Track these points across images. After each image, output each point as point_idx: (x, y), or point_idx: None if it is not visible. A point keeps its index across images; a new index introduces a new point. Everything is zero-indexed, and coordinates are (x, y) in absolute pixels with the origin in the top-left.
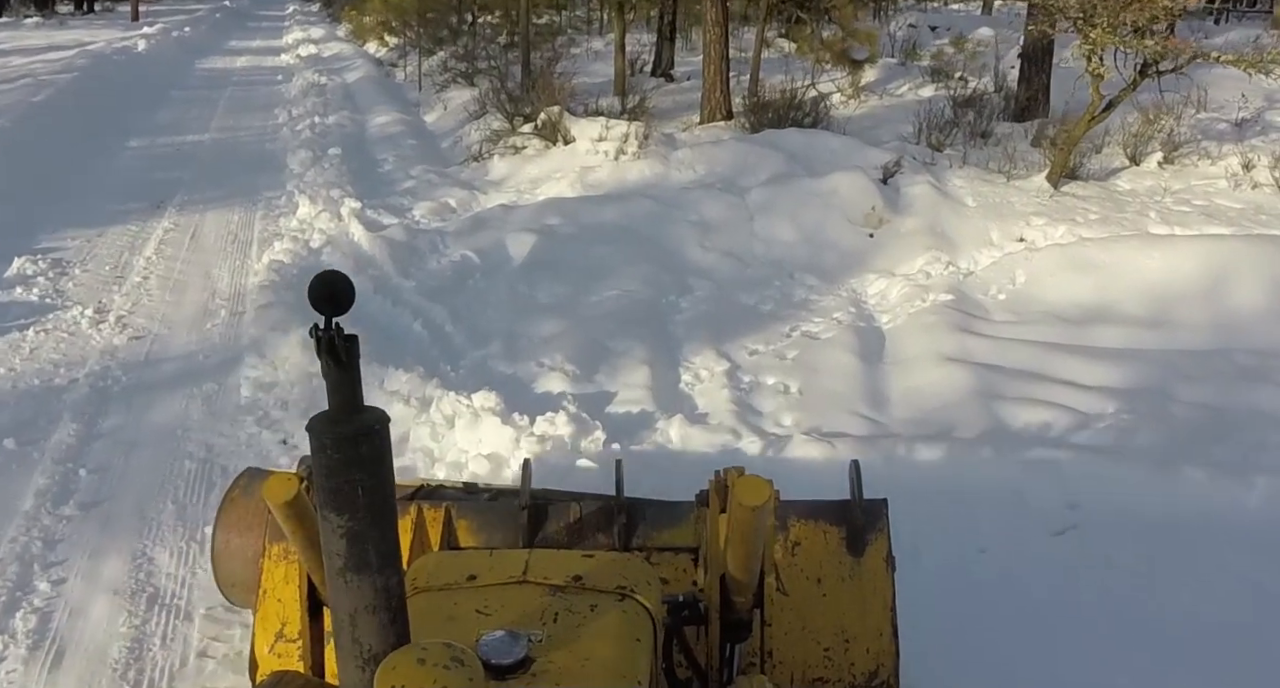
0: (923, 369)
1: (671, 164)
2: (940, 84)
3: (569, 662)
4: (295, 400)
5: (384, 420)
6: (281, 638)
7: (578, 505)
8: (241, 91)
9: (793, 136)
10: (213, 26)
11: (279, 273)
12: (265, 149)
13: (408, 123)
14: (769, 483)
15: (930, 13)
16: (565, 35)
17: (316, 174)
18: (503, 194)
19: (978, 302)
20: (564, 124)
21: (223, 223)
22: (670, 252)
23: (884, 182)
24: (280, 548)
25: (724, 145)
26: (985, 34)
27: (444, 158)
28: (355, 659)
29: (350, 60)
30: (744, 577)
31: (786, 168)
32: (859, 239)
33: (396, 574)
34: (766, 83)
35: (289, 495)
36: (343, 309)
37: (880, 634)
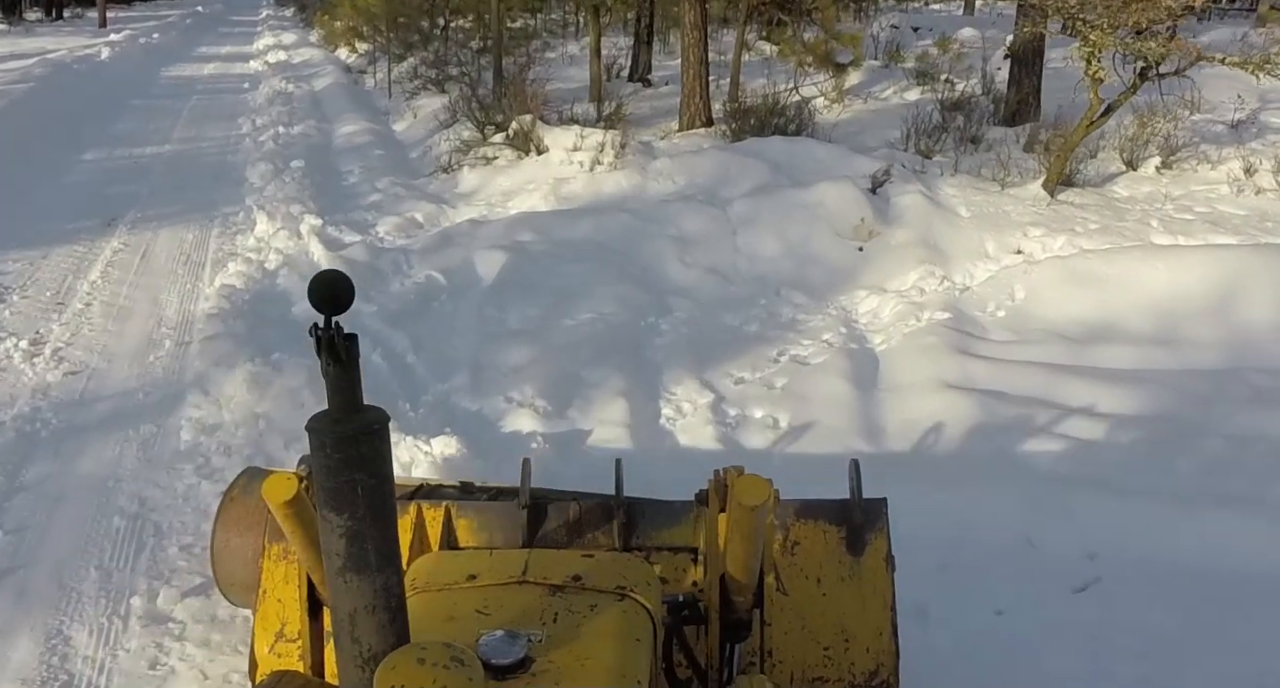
0: (920, 398)
1: (649, 175)
2: (926, 87)
3: (569, 662)
4: (239, 445)
5: (384, 420)
6: (281, 638)
7: (577, 505)
8: (206, 100)
9: (776, 145)
10: (183, 33)
11: (230, 299)
12: (226, 161)
13: (376, 132)
14: (768, 482)
15: (911, 13)
16: (540, 39)
17: (277, 188)
18: (472, 208)
19: (975, 320)
20: (537, 133)
21: (176, 242)
22: (648, 269)
23: (873, 191)
24: (280, 548)
25: (704, 155)
26: (969, 35)
27: (412, 169)
28: (355, 659)
29: (320, 67)
30: (744, 576)
31: (770, 178)
32: (848, 253)
33: (396, 574)
34: (747, 87)
35: (288, 495)
36: (342, 308)
37: (880, 634)
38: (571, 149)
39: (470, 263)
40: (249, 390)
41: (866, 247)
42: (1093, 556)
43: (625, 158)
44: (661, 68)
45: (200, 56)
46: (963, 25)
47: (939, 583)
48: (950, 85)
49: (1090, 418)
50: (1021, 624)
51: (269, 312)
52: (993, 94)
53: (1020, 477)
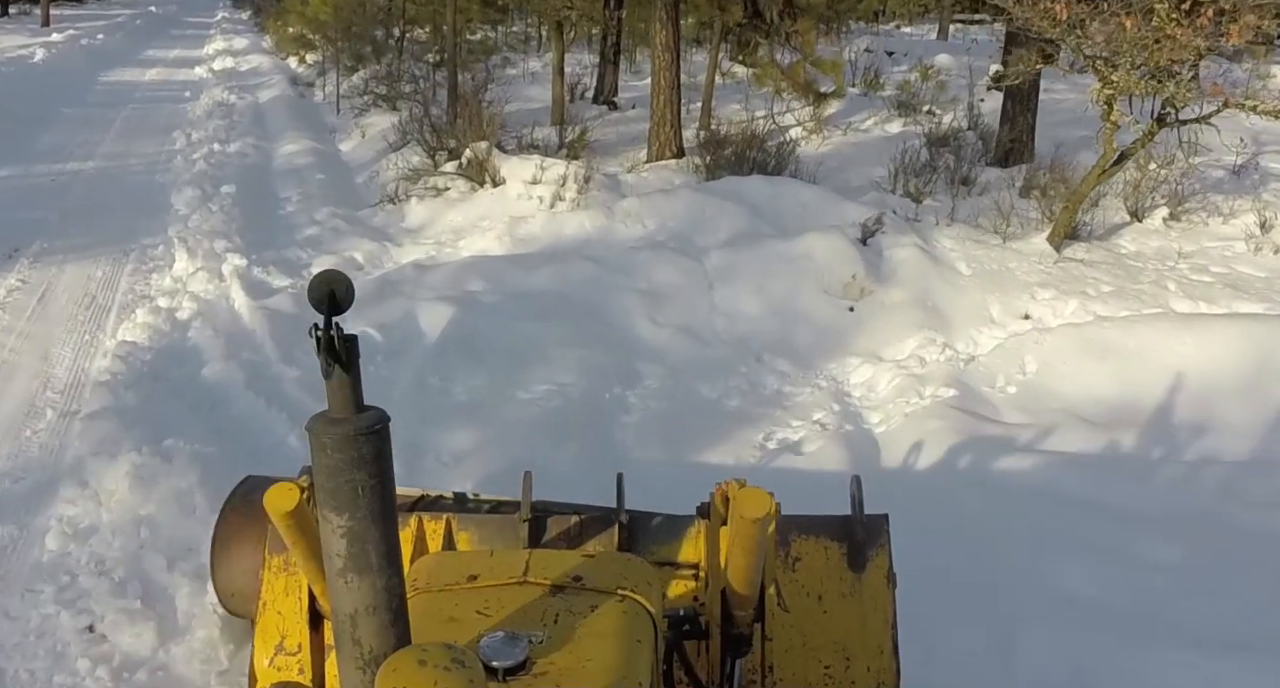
0: (932, 502)
1: (616, 216)
2: (909, 119)
3: (570, 663)
4: (115, 560)
5: (384, 420)
6: (281, 651)
7: (578, 518)
8: (142, 110)
9: (756, 186)
10: (130, 34)
11: (127, 361)
12: (154, 182)
13: (320, 152)
14: (770, 495)
15: (884, 37)
16: (499, 54)
17: (203, 218)
18: (419, 247)
19: (984, 397)
20: (492, 163)
21: (82, 280)
22: (615, 327)
23: (863, 242)
24: (280, 560)
25: (677, 195)
26: (945, 61)
27: (356, 197)
28: (356, 661)
29: (268, 76)
30: (745, 590)
31: (750, 224)
32: (838, 313)
33: (397, 575)
34: (719, 113)
35: (290, 506)
36: (342, 309)
37: (881, 652)
38: (531, 182)
39: (413, 316)
40: (132, 487)
41: (858, 306)
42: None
43: (589, 194)
44: (629, 89)
45: (145, 61)
46: (937, 51)
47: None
48: (932, 116)
49: (1127, 524)
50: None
51: (173, 375)
52: (979, 129)
53: (1061, 614)
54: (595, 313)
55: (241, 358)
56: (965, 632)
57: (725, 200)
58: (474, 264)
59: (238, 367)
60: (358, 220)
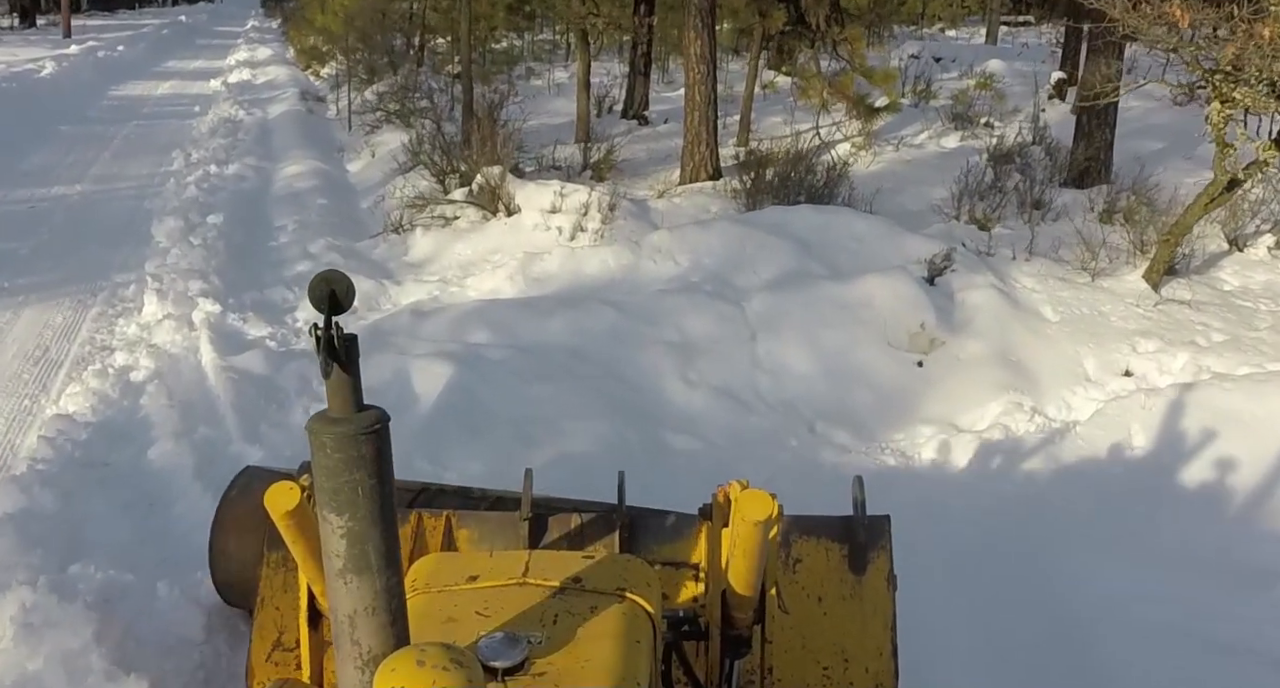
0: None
1: (644, 252)
2: (965, 131)
3: (569, 664)
4: None
5: (384, 420)
6: (279, 647)
7: (579, 517)
8: (145, 128)
9: (804, 217)
10: (154, 44)
11: (55, 444)
12: (142, 209)
13: (324, 174)
14: (773, 497)
15: (928, 40)
16: (524, 64)
17: (182, 253)
18: (421, 285)
19: (1085, 478)
20: (506, 189)
21: (39, 327)
22: (640, 389)
23: (930, 282)
24: (279, 555)
25: (713, 228)
26: (997, 67)
27: (358, 225)
28: (355, 661)
29: (282, 89)
30: (746, 592)
31: (797, 262)
32: (904, 371)
33: (396, 575)
34: (758, 127)
35: (290, 505)
36: (342, 308)
37: (880, 654)
38: (549, 210)
39: (404, 377)
40: (18, 636)
41: (928, 361)
42: None
43: (614, 224)
44: (660, 101)
45: (161, 72)
46: (987, 56)
47: None
48: (991, 130)
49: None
50: None
51: (111, 459)
52: (1046, 143)
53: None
54: (617, 371)
55: (196, 436)
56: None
57: (769, 234)
58: (480, 310)
59: (189, 448)
60: (356, 254)
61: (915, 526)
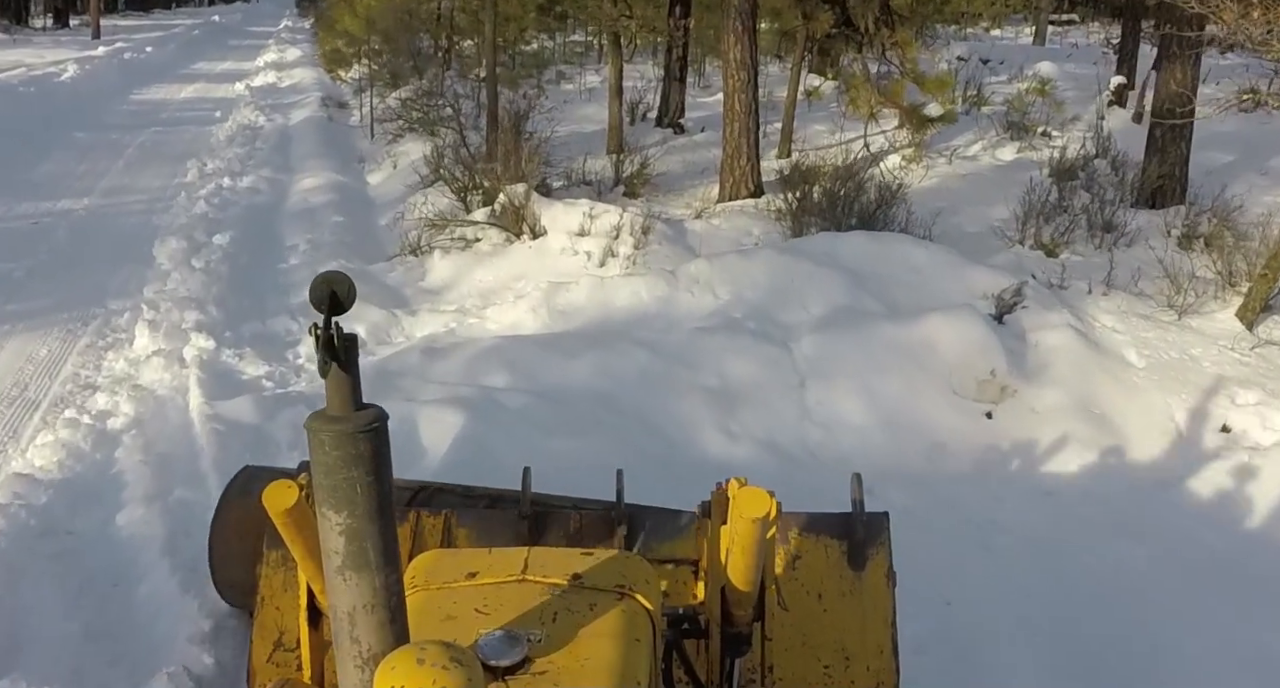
0: None
1: (680, 283)
2: (1022, 142)
3: (568, 662)
4: None
5: (383, 418)
6: (280, 647)
7: (578, 515)
8: (162, 135)
9: (856, 245)
10: (184, 45)
11: (8, 512)
12: (149, 226)
13: (342, 187)
14: (771, 495)
15: (973, 41)
16: (554, 67)
17: (183, 277)
18: (437, 315)
19: (1182, 559)
20: (531, 210)
21: (21, 361)
22: (675, 442)
23: (998, 320)
24: (278, 555)
25: (756, 258)
26: (1048, 70)
27: (375, 245)
28: (354, 659)
29: (306, 93)
30: (745, 589)
31: (850, 297)
32: (972, 422)
33: (395, 573)
34: (801, 135)
35: (289, 503)
36: (343, 308)
37: (880, 651)
38: (577, 233)
39: (410, 427)
40: None
41: (998, 412)
42: None
43: (647, 249)
44: (697, 107)
45: (188, 75)
46: (1036, 57)
47: None
48: (1049, 139)
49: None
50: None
51: (74, 527)
52: (1111, 156)
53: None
54: (650, 420)
55: (171, 499)
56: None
57: (818, 265)
58: (498, 349)
59: (162, 514)
60: (370, 278)
61: (992, 601)
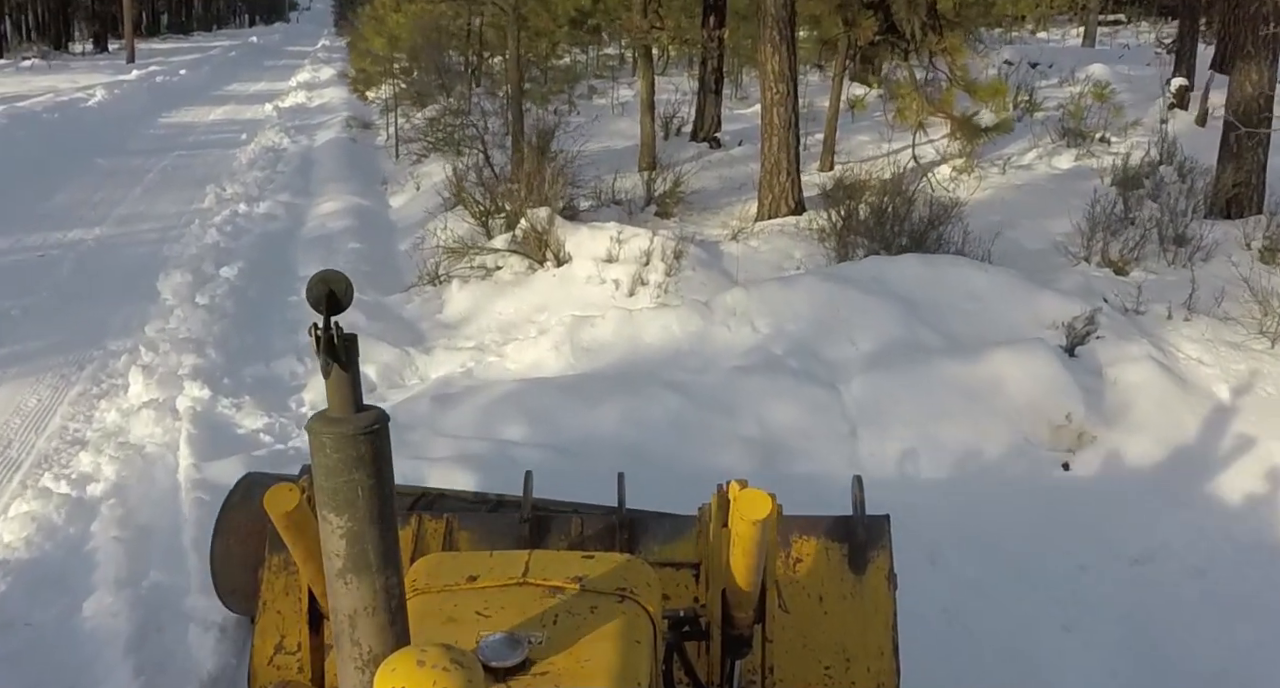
0: None
1: (716, 315)
2: (1080, 148)
3: (569, 664)
4: None
5: (384, 420)
6: (281, 650)
7: (579, 519)
8: (185, 159)
9: (909, 270)
10: (219, 67)
11: None
12: (160, 257)
13: (362, 212)
14: (771, 497)
15: (1019, 43)
16: (585, 81)
17: (186, 315)
18: (454, 353)
19: None
20: (555, 235)
21: (8, 412)
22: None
23: (1069, 353)
24: (280, 559)
25: (799, 286)
26: (1100, 72)
27: (393, 273)
28: (355, 661)
29: (334, 113)
30: (746, 591)
31: (903, 328)
32: (1047, 475)
33: (396, 575)
34: (843, 146)
35: (290, 506)
36: (341, 308)
37: (881, 653)
38: (604, 260)
39: (418, 486)
40: None
41: (1077, 462)
42: None
43: (680, 276)
44: (733, 119)
45: (219, 96)
46: (1087, 60)
47: None
48: (1108, 146)
49: None
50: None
51: (33, 619)
52: (1177, 163)
53: None
54: (683, 474)
55: (145, 584)
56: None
57: (867, 293)
58: (517, 395)
59: (132, 603)
60: (384, 311)
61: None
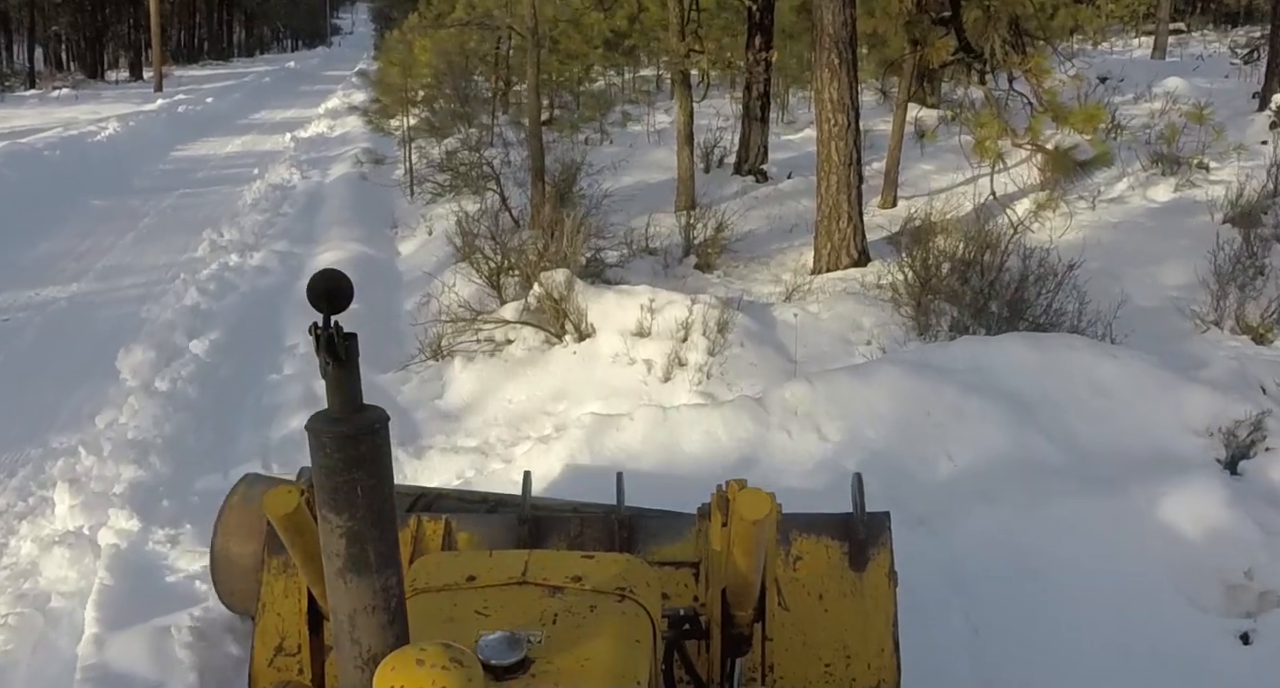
0: None
1: (772, 416)
2: (1178, 177)
3: (568, 663)
4: None
5: (384, 419)
6: (281, 652)
7: (578, 518)
8: (188, 199)
9: (1013, 355)
10: (251, 93)
11: None
12: (136, 320)
13: (367, 263)
14: (771, 497)
15: (1082, 56)
16: (619, 106)
17: (140, 404)
18: (450, 458)
19: None
20: (576, 303)
21: None
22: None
23: (1230, 470)
24: (280, 561)
25: (875, 378)
26: (1178, 87)
27: (394, 340)
28: (354, 660)
29: (353, 143)
30: (745, 590)
31: (1013, 440)
32: (1222, 651)
33: (396, 575)
34: (904, 177)
35: (289, 508)
36: (341, 307)
37: (882, 650)
38: (634, 333)
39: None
40: None
41: (1259, 631)
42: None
43: (726, 352)
44: (780, 147)
45: (242, 126)
46: (1161, 73)
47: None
48: (1205, 171)
49: None
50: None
51: None
52: None
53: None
54: None
55: None
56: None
57: (965, 390)
58: None
59: None
60: (377, 394)
61: None
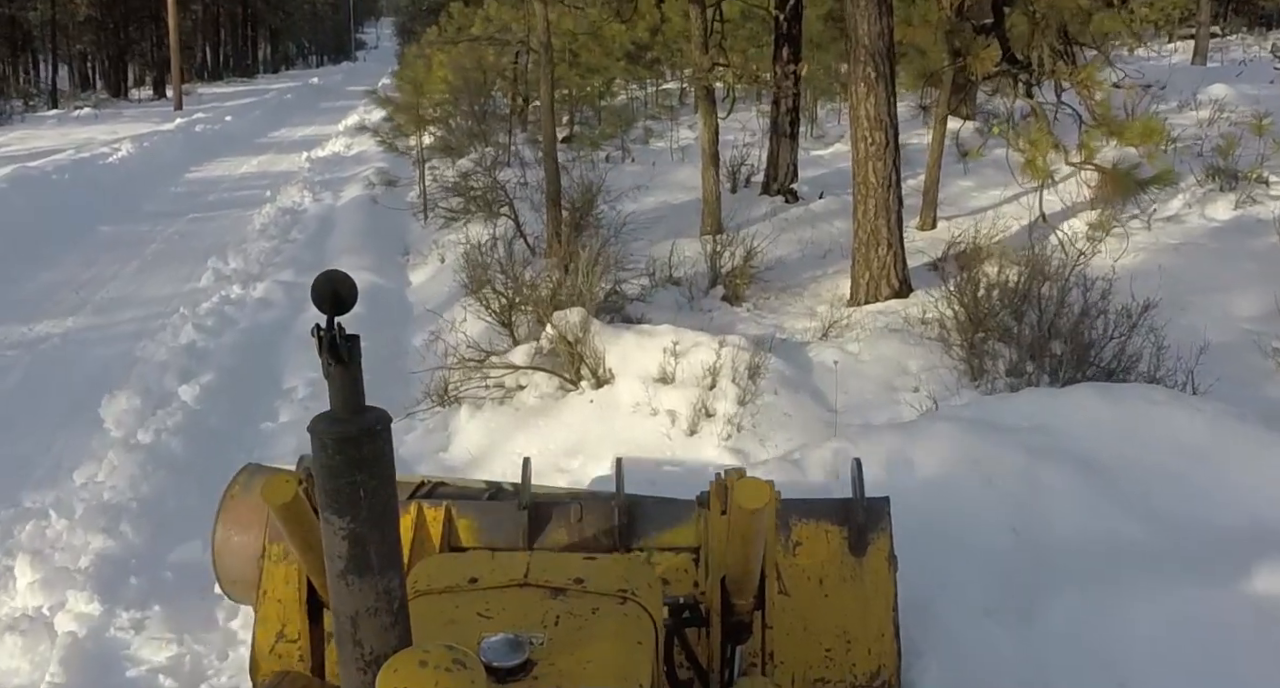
0: None
1: (811, 482)
2: (1239, 193)
3: (570, 665)
4: None
5: (386, 421)
6: (282, 639)
7: (578, 505)
8: (197, 224)
9: (1084, 410)
10: (271, 111)
11: None
12: (130, 357)
13: (377, 294)
14: (769, 485)
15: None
16: (641, 122)
17: (120, 459)
18: None
19: None
20: (592, 346)
21: None
22: None
23: None
24: (280, 548)
25: (925, 437)
26: (1224, 94)
27: (399, 382)
28: (357, 662)
29: (369, 163)
30: (744, 579)
31: (1087, 510)
32: None
33: (398, 577)
34: (943, 194)
35: (287, 497)
36: (345, 308)
37: (882, 635)
38: (656, 379)
39: None
40: None
41: None
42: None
43: (758, 401)
44: (810, 164)
45: (260, 145)
46: (1205, 79)
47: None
48: (1265, 186)
49: None
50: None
51: None
52: None
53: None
54: None
55: None
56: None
57: (1030, 454)
58: None
59: None
60: None
61: None
